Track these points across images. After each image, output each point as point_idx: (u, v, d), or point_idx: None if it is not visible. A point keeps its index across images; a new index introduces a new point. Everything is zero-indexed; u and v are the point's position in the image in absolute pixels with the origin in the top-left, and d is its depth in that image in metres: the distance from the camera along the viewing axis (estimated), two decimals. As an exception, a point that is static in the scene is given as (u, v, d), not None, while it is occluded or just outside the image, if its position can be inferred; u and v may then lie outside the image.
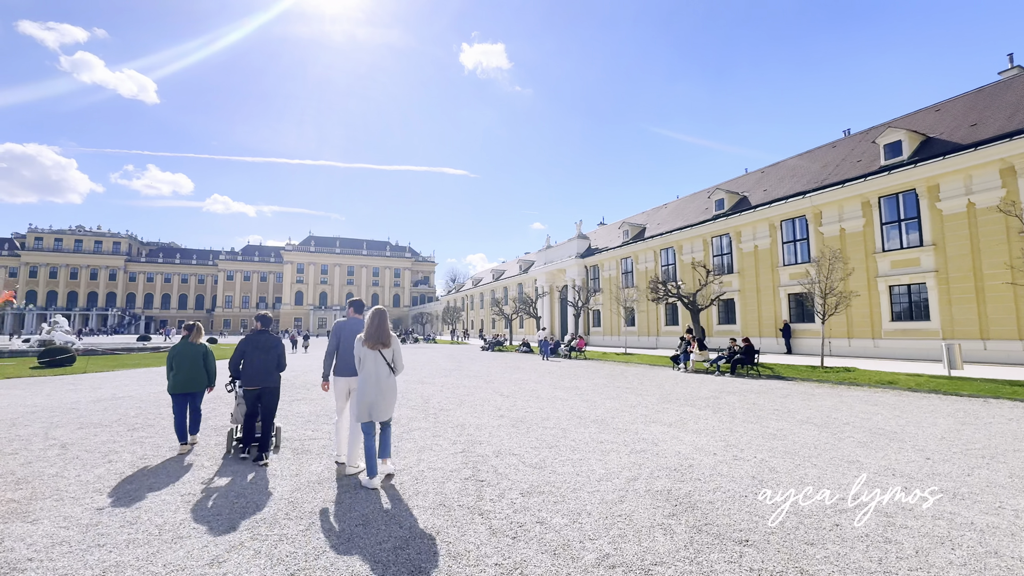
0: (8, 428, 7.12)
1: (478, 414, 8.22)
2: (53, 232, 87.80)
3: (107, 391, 11.32)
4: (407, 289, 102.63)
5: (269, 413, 5.56)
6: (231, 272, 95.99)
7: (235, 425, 5.87)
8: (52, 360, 17.77)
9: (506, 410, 8.62)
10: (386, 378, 4.64)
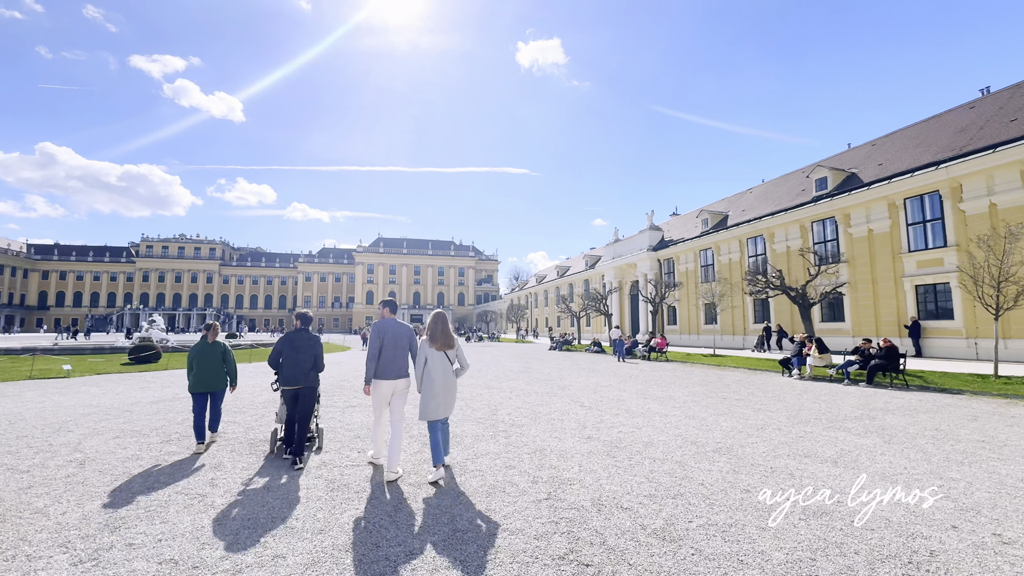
0: (49, 434, 6.56)
1: (559, 434, 6.60)
2: (160, 240, 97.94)
3: (172, 391, 11.02)
4: (471, 288, 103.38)
5: (305, 414, 5.34)
6: (309, 274, 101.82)
7: (279, 425, 5.82)
8: (139, 357, 18.55)
9: (593, 428, 6.93)
10: (451, 377, 4.79)
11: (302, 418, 5.28)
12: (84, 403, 9.28)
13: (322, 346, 5.63)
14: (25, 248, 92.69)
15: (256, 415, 8.10)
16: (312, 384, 5.43)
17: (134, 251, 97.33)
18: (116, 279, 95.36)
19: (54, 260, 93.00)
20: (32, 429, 6.92)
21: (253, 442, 6.20)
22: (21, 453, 5.59)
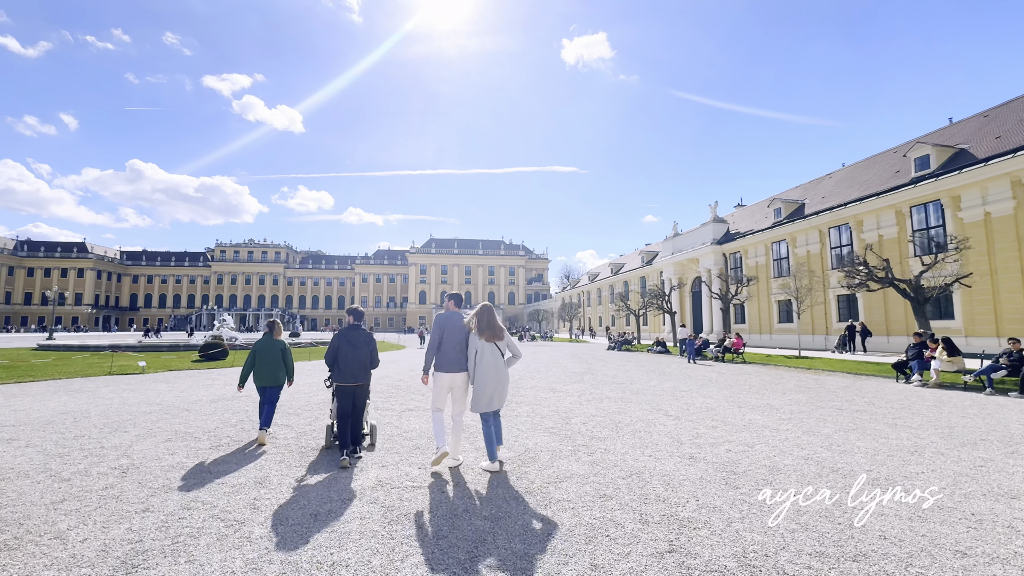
0: (105, 434, 6.28)
1: (651, 450, 5.50)
2: (232, 246, 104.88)
3: (232, 389, 10.90)
4: (521, 287, 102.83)
5: (360, 412, 5.37)
6: (365, 275, 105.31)
7: (333, 421, 5.72)
8: (208, 354, 19.17)
9: (691, 444, 5.77)
10: (502, 369, 4.83)
11: (356, 415, 5.29)
12: (148, 400, 9.23)
13: (376, 343, 5.52)
14: (118, 255, 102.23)
15: (310, 417, 7.59)
16: (367, 381, 5.40)
17: (209, 256, 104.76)
18: (195, 282, 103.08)
19: (142, 266, 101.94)
20: (91, 428, 6.71)
21: (304, 450, 5.58)
22: (70, 456, 5.24)
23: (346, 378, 5.24)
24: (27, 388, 11.05)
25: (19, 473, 4.65)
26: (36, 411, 8.05)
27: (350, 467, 4.88)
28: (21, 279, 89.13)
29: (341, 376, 5.27)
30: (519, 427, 6.82)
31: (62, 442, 5.89)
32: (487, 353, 4.76)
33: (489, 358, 4.74)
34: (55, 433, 6.40)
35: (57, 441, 5.94)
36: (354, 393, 5.28)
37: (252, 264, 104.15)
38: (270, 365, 6.08)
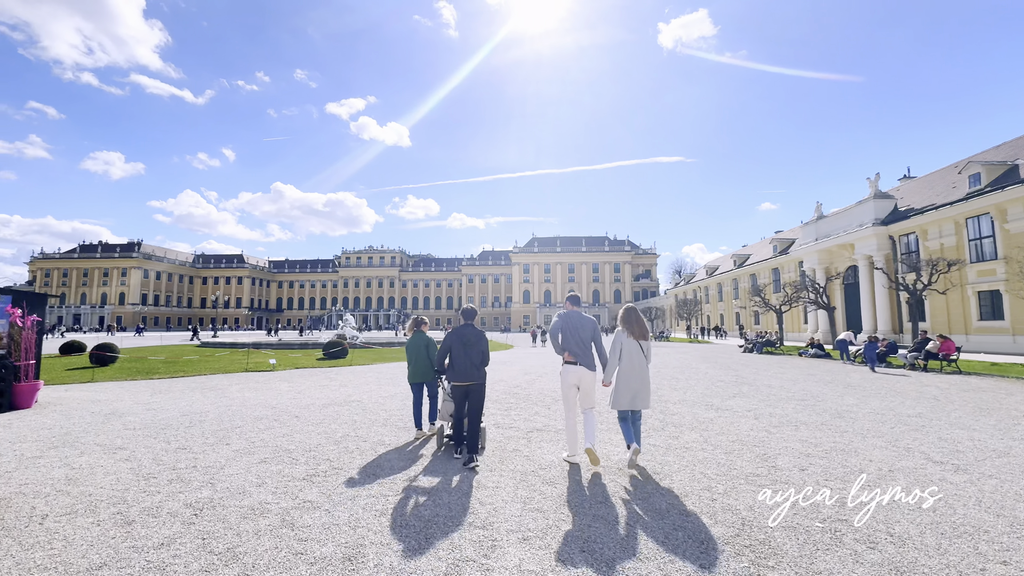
0: (208, 446, 5.55)
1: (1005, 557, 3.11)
2: (355, 252, 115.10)
3: (346, 392, 10.29)
4: (628, 284, 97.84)
5: (476, 411, 5.10)
6: (471, 276, 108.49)
7: (444, 423, 5.73)
8: (330, 353, 19.74)
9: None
10: (645, 368, 4.84)
11: (473, 415, 5.10)
12: (265, 402, 8.82)
13: (487, 342, 5.35)
14: (267, 264, 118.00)
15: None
16: (481, 380, 5.21)
17: (336, 263, 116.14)
18: (325, 286, 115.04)
19: (285, 273, 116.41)
20: (198, 438, 6.08)
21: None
22: (157, 480, 4.40)
23: (458, 377, 5.15)
24: (174, 384, 11.59)
25: (90, 506, 3.81)
26: (164, 411, 7.89)
27: (475, 469, 4.78)
28: (197, 287, 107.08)
29: (454, 375, 5.18)
30: (700, 468, 4.77)
31: (160, 457, 5.20)
32: (633, 352, 4.84)
33: (635, 357, 4.83)
34: (163, 442, 5.85)
35: (156, 455, 5.27)
36: (467, 392, 5.14)
37: (371, 269, 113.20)
38: (417, 362, 6.20)
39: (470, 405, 5.12)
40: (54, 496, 4.00)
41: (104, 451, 5.45)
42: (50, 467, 4.83)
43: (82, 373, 13.37)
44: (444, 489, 4.20)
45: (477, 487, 4.25)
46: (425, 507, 3.79)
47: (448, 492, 4.13)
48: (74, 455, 5.27)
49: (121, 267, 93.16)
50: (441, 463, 4.99)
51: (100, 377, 12.60)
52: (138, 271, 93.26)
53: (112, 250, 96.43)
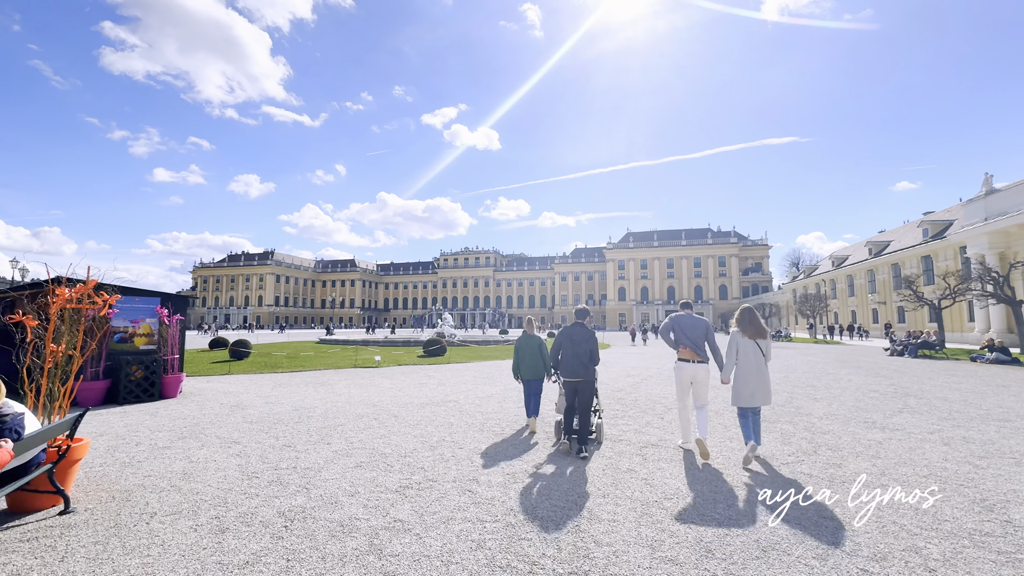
0: (309, 447, 5.52)
1: None
2: (452, 254, 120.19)
3: (443, 391, 10.17)
4: (735, 278, 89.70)
5: (584, 407, 5.30)
6: (564, 274, 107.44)
7: (561, 416, 5.84)
8: (430, 351, 20.28)
9: None
10: (764, 367, 4.95)
11: (582, 410, 5.29)
12: (368, 399, 8.94)
13: (596, 341, 5.49)
14: (375, 268, 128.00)
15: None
16: (590, 377, 5.38)
17: (435, 264, 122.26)
18: (426, 287, 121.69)
19: (391, 275, 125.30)
20: (303, 435, 6.15)
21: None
22: (259, 480, 4.34)
23: (567, 373, 5.40)
24: (292, 378, 12.46)
25: (194, 506, 3.77)
26: (279, 405, 8.29)
27: (587, 458, 5.06)
28: (318, 289, 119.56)
29: (564, 371, 5.45)
30: (891, 517, 3.55)
31: (266, 454, 5.24)
32: (749, 351, 4.98)
33: (751, 356, 4.96)
34: (272, 438, 5.97)
35: (264, 452, 5.32)
36: (576, 388, 5.36)
37: (467, 269, 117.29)
38: (530, 360, 6.45)
39: (580, 400, 5.32)
40: (167, 492, 4.05)
41: (221, 444, 5.65)
42: (173, 459, 5.05)
43: (222, 366, 15.03)
44: (550, 519, 3.54)
45: (590, 519, 3.53)
46: (527, 543, 3.16)
47: (555, 524, 3.46)
48: (195, 447, 5.52)
49: (259, 273, 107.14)
50: (545, 482, 4.35)
51: (235, 370, 14.02)
52: (271, 276, 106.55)
53: (252, 259, 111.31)
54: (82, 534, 3.25)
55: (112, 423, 6.83)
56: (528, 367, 6.44)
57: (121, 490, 4.09)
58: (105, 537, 3.20)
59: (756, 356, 4.95)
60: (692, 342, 5.32)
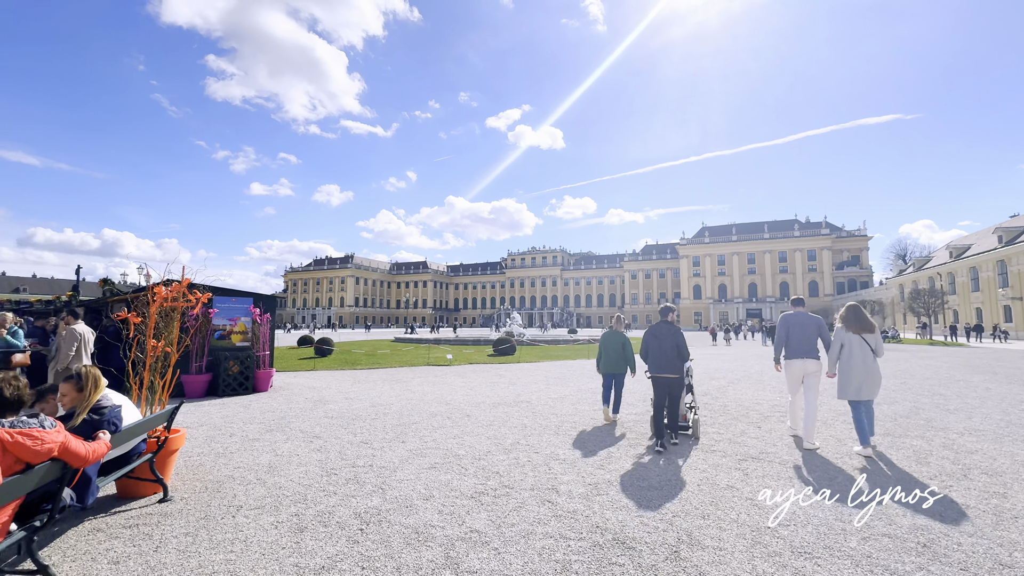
0: (384, 444, 5.51)
1: None
2: (519, 254, 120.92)
3: (515, 391, 9.96)
4: (827, 273, 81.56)
5: (673, 401, 5.54)
6: (634, 272, 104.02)
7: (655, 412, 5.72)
8: (499, 349, 20.28)
9: None
10: (872, 362, 5.13)
11: (671, 404, 5.53)
12: (441, 397, 8.95)
13: (683, 336, 5.63)
14: (445, 269, 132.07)
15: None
16: (677, 372, 5.54)
17: (503, 265, 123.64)
18: (494, 287, 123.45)
19: (460, 276, 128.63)
20: (379, 432, 6.18)
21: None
22: (336, 477, 4.33)
23: (654, 368, 5.65)
24: (370, 375, 12.91)
25: (276, 502, 3.79)
26: (358, 401, 8.52)
27: (664, 451, 5.23)
28: (393, 290, 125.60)
29: (651, 367, 5.68)
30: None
31: (345, 451, 5.28)
32: (855, 346, 5.18)
33: (857, 351, 5.17)
34: (350, 434, 6.06)
35: (342, 448, 5.37)
36: (668, 384, 5.54)
37: (534, 269, 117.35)
38: (613, 355, 6.77)
39: (669, 395, 5.54)
40: (254, 485, 4.14)
41: (304, 439, 5.81)
42: (261, 451, 5.24)
43: (308, 363, 15.98)
44: (643, 540, 3.13)
45: (691, 544, 3.07)
46: (619, 569, 2.77)
47: (649, 548, 3.04)
48: (281, 441, 5.71)
49: (340, 276, 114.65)
50: (632, 495, 3.93)
51: (319, 366, 14.82)
52: (351, 279, 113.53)
53: (334, 263, 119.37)
54: (175, 524, 3.35)
55: (211, 414, 7.34)
56: (608, 361, 6.82)
57: (213, 481, 4.25)
58: (195, 528, 3.27)
59: (863, 350, 5.15)
60: (805, 338, 5.55)
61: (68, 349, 6.07)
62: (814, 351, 5.56)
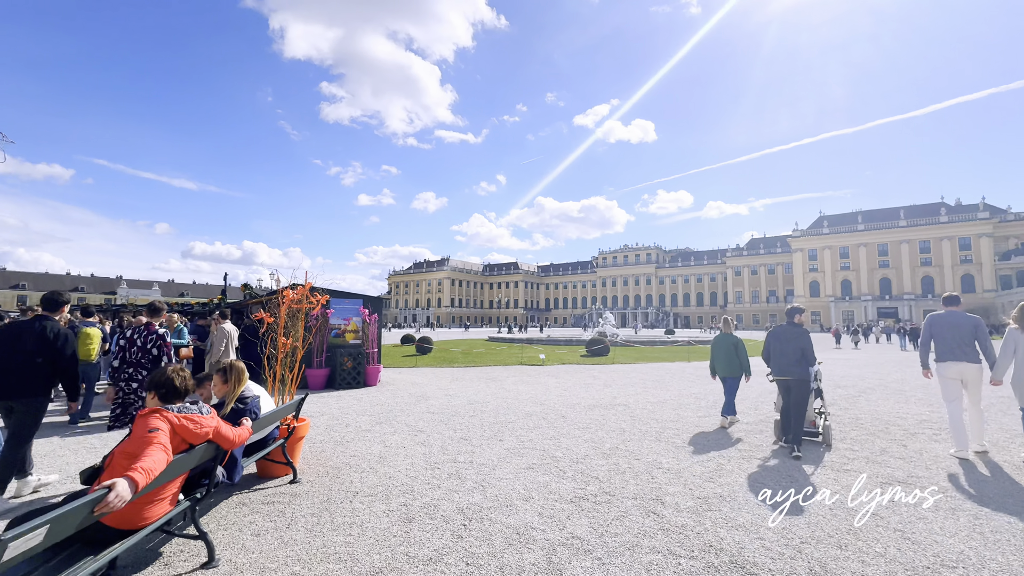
0: (483, 441, 5.63)
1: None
2: (611, 252, 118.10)
3: (611, 393, 9.66)
4: (987, 265, 68.13)
5: (797, 406, 5.25)
6: (738, 268, 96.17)
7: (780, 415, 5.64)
8: (593, 350, 19.90)
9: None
10: None
11: (796, 408, 5.25)
12: (535, 397, 8.98)
13: (810, 339, 5.44)
14: (536, 269, 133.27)
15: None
16: (802, 376, 5.33)
17: (594, 263, 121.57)
18: (585, 286, 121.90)
19: (550, 276, 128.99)
20: (478, 428, 6.35)
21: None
22: (439, 471, 4.50)
23: (777, 371, 5.49)
24: (466, 372, 13.40)
25: (387, 491, 4.03)
26: (456, 398, 8.86)
27: (800, 457, 4.95)
28: (486, 291, 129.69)
29: (774, 370, 5.54)
30: None
31: (447, 445, 5.49)
32: None
33: None
34: (451, 429, 6.30)
35: (444, 443, 5.59)
36: (788, 386, 5.38)
37: (627, 267, 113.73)
38: (724, 357, 6.70)
39: (793, 399, 5.31)
40: (367, 474, 4.46)
41: (409, 432, 6.15)
42: (372, 442, 5.64)
43: (410, 360, 17.04)
44: (766, 569, 2.80)
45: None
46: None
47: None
48: (389, 433, 6.11)
49: (437, 278, 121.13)
50: (749, 513, 3.56)
51: (420, 363, 15.73)
52: (447, 280, 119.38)
53: (431, 265, 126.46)
54: (303, 504, 3.70)
55: (330, 405, 8.09)
56: (721, 364, 6.73)
57: (333, 467, 4.66)
58: (320, 510, 3.59)
59: None
60: (959, 339, 5.14)
61: (219, 345, 7.08)
62: (973, 354, 5.09)
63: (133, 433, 2.47)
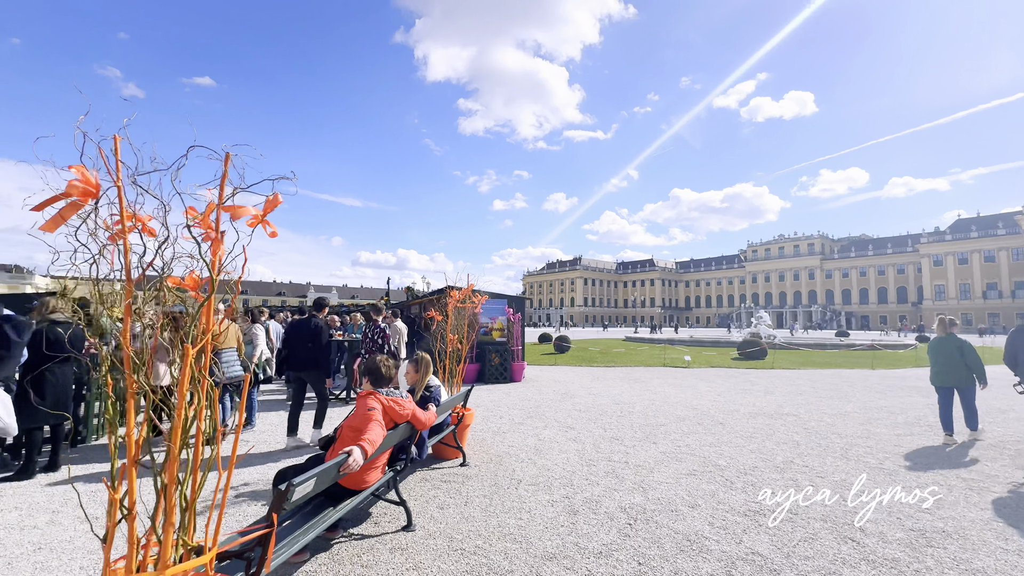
0: (635, 443, 5.53)
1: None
2: (763, 244, 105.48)
3: (774, 400, 8.68)
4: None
5: None
6: (938, 256, 77.89)
7: None
8: (746, 353, 18.06)
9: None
10: None
11: None
12: (686, 401, 8.50)
13: None
14: (673, 265, 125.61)
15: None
16: None
17: (742, 257, 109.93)
18: (732, 283, 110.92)
19: (690, 272, 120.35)
20: (628, 429, 6.26)
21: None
22: (595, 468, 4.55)
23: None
24: (606, 372, 13.28)
25: (547, 481, 4.21)
26: (600, 397, 8.84)
27: None
28: (619, 290, 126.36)
29: None
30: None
31: (599, 444, 5.52)
32: None
33: None
34: (599, 428, 6.31)
35: (596, 441, 5.63)
36: None
37: (783, 260, 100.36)
38: (944, 364, 5.81)
39: None
40: (527, 464, 4.72)
41: (560, 428, 6.33)
42: (526, 434, 5.93)
43: (549, 358, 17.47)
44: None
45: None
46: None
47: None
48: (540, 427, 6.36)
49: (570, 278, 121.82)
50: (986, 555, 2.89)
51: (559, 362, 16.02)
52: (580, 280, 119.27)
53: (564, 265, 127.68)
54: (475, 486, 4.08)
55: (483, 398, 8.72)
56: (939, 372, 5.84)
57: (495, 455, 5.03)
58: (490, 493, 3.91)
59: None
60: None
61: (393, 340, 8.17)
62: None
63: (356, 410, 3.00)
